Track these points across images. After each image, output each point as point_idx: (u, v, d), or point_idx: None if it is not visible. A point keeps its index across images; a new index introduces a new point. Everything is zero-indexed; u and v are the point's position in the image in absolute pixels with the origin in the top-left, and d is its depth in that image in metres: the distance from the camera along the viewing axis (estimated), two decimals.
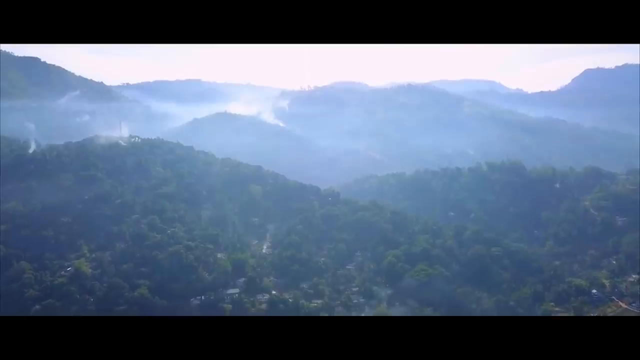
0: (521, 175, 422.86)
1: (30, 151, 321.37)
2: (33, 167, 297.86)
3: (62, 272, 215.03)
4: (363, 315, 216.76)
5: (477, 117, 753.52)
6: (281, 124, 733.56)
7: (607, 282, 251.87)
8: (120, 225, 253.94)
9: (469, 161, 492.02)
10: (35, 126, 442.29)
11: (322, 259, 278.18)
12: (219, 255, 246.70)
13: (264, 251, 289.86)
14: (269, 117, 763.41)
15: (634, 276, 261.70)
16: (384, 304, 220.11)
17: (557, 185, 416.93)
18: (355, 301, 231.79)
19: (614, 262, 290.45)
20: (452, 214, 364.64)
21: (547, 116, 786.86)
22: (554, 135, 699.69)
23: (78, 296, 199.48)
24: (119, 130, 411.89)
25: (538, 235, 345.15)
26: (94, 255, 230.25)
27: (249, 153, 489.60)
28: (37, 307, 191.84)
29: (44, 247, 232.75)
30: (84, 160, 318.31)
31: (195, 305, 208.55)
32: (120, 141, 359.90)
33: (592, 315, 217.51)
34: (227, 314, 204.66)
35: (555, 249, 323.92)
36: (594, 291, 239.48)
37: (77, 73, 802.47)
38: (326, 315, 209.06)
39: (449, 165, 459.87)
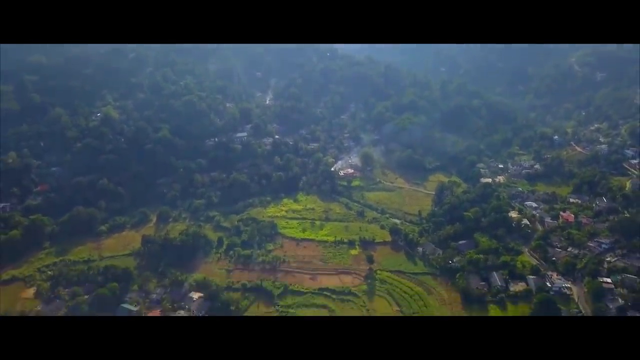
0: None
1: None
2: None
3: (93, 117, 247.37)
4: (351, 156, 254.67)
5: None
6: None
7: (570, 130, 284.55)
8: (137, 76, 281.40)
9: None
10: None
11: (319, 109, 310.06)
12: (227, 104, 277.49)
13: (267, 102, 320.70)
14: None
15: (596, 125, 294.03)
16: (370, 146, 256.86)
17: None
18: (346, 144, 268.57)
19: (583, 113, 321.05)
20: (443, 69, 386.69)
21: None
22: None
23: (111, 136, 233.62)
24: None
25: (521, 90, 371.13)
26: (118, 103, 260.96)
27: None
28: (79, 145, 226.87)
29: (73, 96, 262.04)
30: None
31: (210, 146, 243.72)
32: None
33: (552, 159, 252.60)
34: (237, 154, 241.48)
35: (534, 101, 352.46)
36: (555, 137, 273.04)
37: None
38: (326, 158, 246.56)
39: None
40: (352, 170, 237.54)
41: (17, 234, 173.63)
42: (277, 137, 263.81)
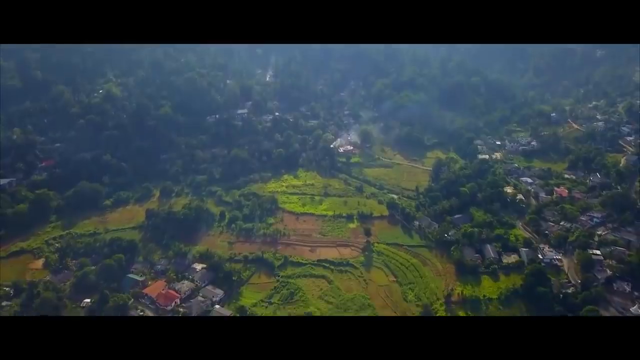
0: None
1: None
2: None
3: (95, 94, 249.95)
4: (350, 133, 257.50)
5: None
6: None
7: (568, 108, 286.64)
8: (138, 53, 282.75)
9: None
10: None
11: (319, 86, 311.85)
12: (228, 81, 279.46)
13: (267, 79, 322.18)
14: None
15: (594, 102, 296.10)
16: (369, 123, 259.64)
17: None
18: (346, 122, 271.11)
19: (582, 91, 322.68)
20: (442, 46, 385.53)
21: None
22: None
23: (113, 113, 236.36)
24: None
25: (520, 67, 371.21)
26: (119, 81, 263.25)
27: None
28: (81, 121, 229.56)
29: (74, 73, 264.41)
30: None
31: (211, 122, 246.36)
32: None
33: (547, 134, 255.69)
34: (238, 131, 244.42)
35: (533, 79, 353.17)
36: (553, 114, 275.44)
37: None
38: (325, 135, 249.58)
39: None
40: (352, 147, 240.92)
41: (24, 208, 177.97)
42: (277, 114, 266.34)
